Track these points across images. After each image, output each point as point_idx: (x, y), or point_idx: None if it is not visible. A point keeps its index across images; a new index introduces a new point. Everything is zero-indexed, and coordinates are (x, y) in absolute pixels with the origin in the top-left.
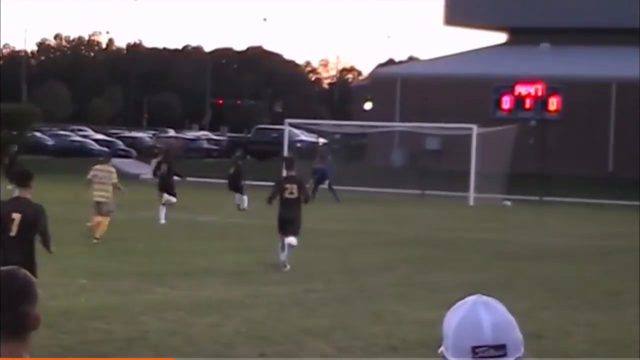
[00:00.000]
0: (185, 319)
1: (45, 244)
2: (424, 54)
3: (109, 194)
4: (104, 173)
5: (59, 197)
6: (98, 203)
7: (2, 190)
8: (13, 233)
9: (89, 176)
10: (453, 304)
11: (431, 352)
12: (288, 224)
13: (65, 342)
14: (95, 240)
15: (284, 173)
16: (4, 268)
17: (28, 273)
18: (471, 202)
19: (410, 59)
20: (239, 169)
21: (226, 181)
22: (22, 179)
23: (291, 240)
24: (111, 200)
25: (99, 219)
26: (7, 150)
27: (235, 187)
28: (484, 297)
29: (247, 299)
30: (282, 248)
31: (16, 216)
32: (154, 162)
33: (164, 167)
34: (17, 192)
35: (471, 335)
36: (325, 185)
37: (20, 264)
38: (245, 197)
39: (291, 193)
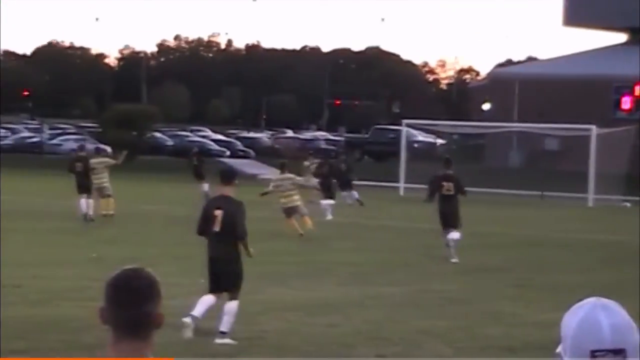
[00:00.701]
0: (303, 319)
1: (240, 239)
2: (542, 54)
3: (296, 197)
4: (286, 181)
5: (178, 197)
6: (290, 208)
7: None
8: (217, 229)
9: (271, 187)
10: (572, 305)
11: (550, 354)
12: (448, 218)
13: (184, 341)
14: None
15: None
16: (129, 267)
17: (152, 272)
18: (590, 204)
19: (529, 59)
20: (349, 167)
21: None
22: (225, 177)
23: (453, 234)
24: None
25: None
26: (191, 151)
27: (345, 184)
28: (603, 300)
29: (366, 300)
30: (447, 244)
31: (218, 213)
32: (307, 164)
33: (325, 169)
34: (219, 190)
35: (590, 339)
36: None
37: (224, 258)
38: (354, 193)
39: (448, 190)
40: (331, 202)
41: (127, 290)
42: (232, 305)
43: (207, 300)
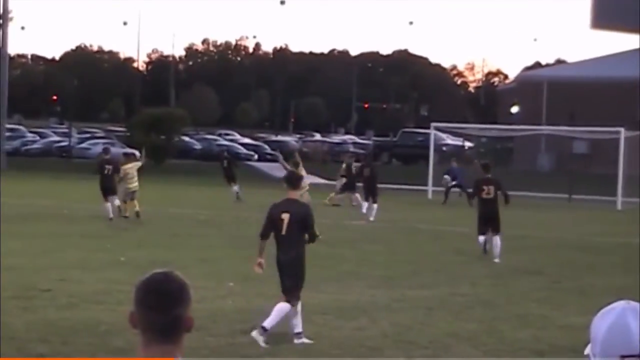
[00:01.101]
0: (332, 322)
1: (311, 242)
2: (571, 57)
3: None
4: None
5: (206, 200)
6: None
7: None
8: (284, 232)
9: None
10: (601, 308)
11: (579, 357)
12: (488, 222)
13: (213, 345)
14: None
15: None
16: (159, 270)
17: (182, 276)
18: (619, 207)
19: (558, 61)
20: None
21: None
22: (292, 181)
23: (495, 238)
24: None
25: None
26: (222, 154)
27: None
28: (633, 303)
29: (394, 303)
30: (484, 249)
31: (285, 216)
32: (344, 166)
33: (366, 171)
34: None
35: (620, 344)
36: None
37: (292, 261)
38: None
39: (488, 193)
40: (374, 205)
41: (158, 294)
42: (284, 306)
43: (282, 307)
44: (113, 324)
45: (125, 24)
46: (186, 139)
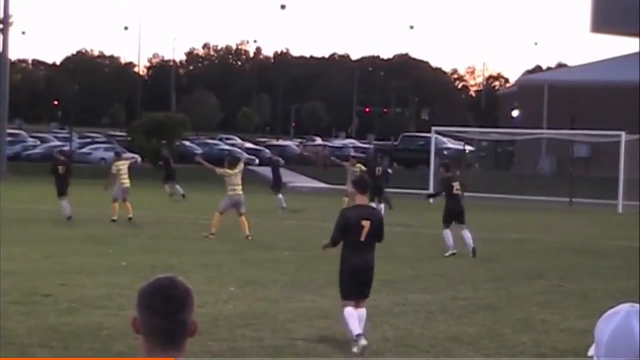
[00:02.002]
0: (334, 327)
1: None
2: (572, 61)
3: None
4: None
5: (207, 205)
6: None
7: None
8: (363, 238)
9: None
10: (603, 312)
11: None
12: (456, 216)
13: (215, 349)
14: None
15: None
16: (163, 276)
17: (186, 282)
18: (620, 210)
19: (559, 65)
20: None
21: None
22: (363, 187)
23: (465, 231)
24: None
25: None
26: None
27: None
28: (637, 306)
29: (396, 307)
30: (450, 246)
31: (366, 223)
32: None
33: (379, 170)
34: (357, 200)
35: (625, 348)
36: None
37: (371, 267)
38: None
39: (457, 190)
40: (381, 205)
41: (163, 299)
42: (364, 312)
43: (352, 313)
44: (115, 329)
45: (126, 28)
46: (187, 144)
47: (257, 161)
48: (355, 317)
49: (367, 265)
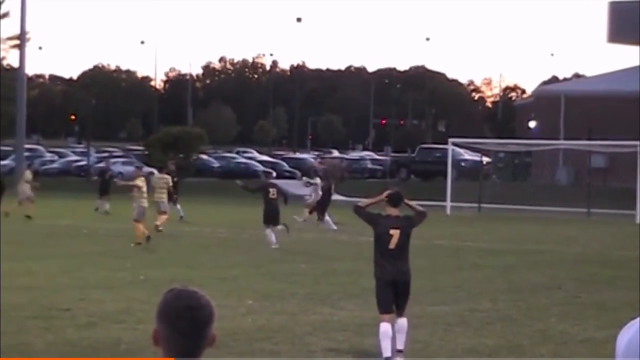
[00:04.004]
0: (351, 339)
1: None
2: (588, 71)
3: None
4: None
5: (224, 219)
6: None
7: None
8: (392, 246)
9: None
10: (622, 323)
11: None
12: (275, 217)
13: None
14: None
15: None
16: (187, 291)
17: (207, 296)
18: (638, 220)
19: (575, 76)
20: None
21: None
22: (397, 199)
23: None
24: None
25: None
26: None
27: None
28: None
29: (413, 319)
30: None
31: (395, 232)
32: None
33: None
34: (389, 211)
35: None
36: None
37: (406, 275)
38: None
39: (273, 194)
40: None
41: (190, 321)
42: (405, 322)
43: (387, 332)
44: (133, 342)
45: (142, 43)
46: (204, 157)
47: (274, 174)
48: (388, 337)
49: (401, 274)
